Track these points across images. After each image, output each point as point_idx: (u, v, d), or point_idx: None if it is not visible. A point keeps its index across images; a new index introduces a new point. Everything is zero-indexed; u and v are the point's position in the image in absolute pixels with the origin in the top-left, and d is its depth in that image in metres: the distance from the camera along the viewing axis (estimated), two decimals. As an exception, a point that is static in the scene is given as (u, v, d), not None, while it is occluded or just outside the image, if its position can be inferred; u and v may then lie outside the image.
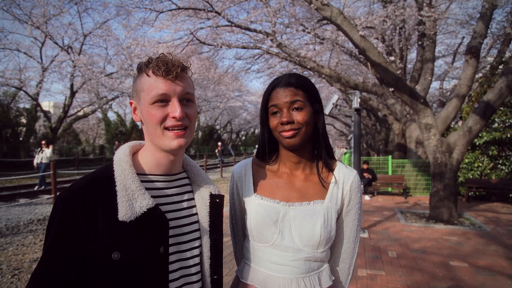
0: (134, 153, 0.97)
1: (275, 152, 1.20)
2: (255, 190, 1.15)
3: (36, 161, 11.62)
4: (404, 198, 10.04)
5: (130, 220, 0.83)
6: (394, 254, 4.76)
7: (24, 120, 20.03)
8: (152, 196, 0.88)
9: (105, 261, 0.80)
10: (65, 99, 20.77)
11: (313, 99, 1.10)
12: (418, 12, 8.26)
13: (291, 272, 1.07)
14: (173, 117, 0.87)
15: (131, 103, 0.96)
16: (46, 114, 21.91)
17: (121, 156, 0.91)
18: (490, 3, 6.72)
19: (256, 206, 1.12)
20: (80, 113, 23.94)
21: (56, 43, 17.06)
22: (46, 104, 44.68)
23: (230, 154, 34.63)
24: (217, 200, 1.03)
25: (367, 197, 9.90)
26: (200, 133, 39.73)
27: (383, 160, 11.85)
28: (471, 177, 9.82)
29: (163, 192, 0.95)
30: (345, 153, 19.89)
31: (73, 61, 16.62)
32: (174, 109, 0.87)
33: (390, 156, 11.86)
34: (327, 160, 1.15)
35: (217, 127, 44.17)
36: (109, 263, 0.80)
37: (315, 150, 1.16)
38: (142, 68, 0.90)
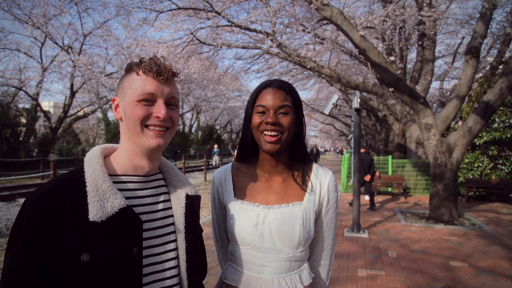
0: (107, 156, 0.96)
1: (255, 156, 1.22)
2: (235, 195, 1.18)
3: None
4: (404, 198, 10.03)
5: (101, 221, 0.80)
6: (394, 254, 4.76)
7: (24, 120, 19.99)
8: (125, 198, 0.86)
9: (75, 263, 0.78)
10: (65, 99, 20.75)
11: (298, 108, 1.14)
12: (418, 12, 8.25)
13: (272, 272, 1.10)
14: (157, 117, 0.88)
15: (113, 100, 0.95)
16: (46, 114, 21.88)
17: (92, 157, 0.90)
18: (490, 3, 6.71)
19: (237, 210, 1.14)
20: (80, 113, 23.91)
21: (56, 43, 17.06)
22: (46, 104, 44.72)
23: (230, 154, 34.85)
24: (193, 201, 1.01)
25: (367, 197, 9.88)
26: (200, 133, 39.72)
27: (383, 160, 11.84)
28: (471, 177, 9.82)
29: (136, 193, 0.93)
30: (342, 153, 19.85)
31: (73, 61, 16.62)
32: (159, 109, 0.88)
33: (390, 156, 11.85)
34: (304, 163, 1.19)
35: (217, 127, 44.17)
36: (79, 265, 0.78)
37: (292, 155, 1.19)
38: (132, 67, 0.91)
